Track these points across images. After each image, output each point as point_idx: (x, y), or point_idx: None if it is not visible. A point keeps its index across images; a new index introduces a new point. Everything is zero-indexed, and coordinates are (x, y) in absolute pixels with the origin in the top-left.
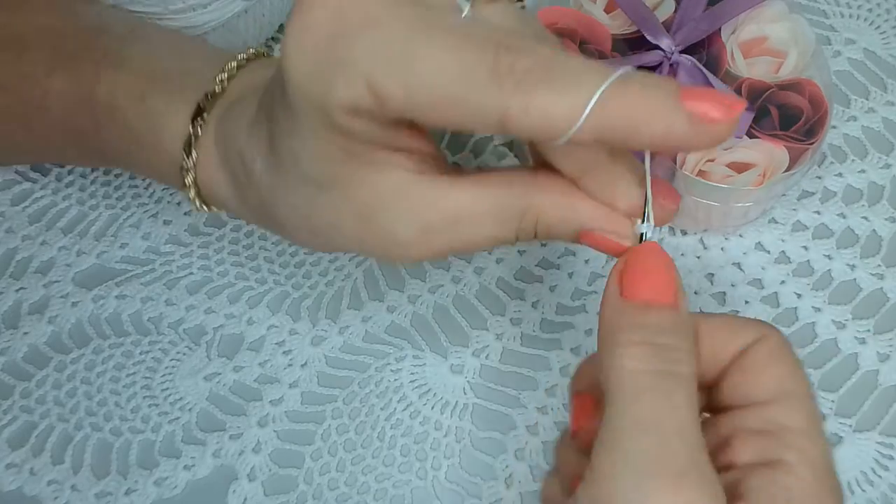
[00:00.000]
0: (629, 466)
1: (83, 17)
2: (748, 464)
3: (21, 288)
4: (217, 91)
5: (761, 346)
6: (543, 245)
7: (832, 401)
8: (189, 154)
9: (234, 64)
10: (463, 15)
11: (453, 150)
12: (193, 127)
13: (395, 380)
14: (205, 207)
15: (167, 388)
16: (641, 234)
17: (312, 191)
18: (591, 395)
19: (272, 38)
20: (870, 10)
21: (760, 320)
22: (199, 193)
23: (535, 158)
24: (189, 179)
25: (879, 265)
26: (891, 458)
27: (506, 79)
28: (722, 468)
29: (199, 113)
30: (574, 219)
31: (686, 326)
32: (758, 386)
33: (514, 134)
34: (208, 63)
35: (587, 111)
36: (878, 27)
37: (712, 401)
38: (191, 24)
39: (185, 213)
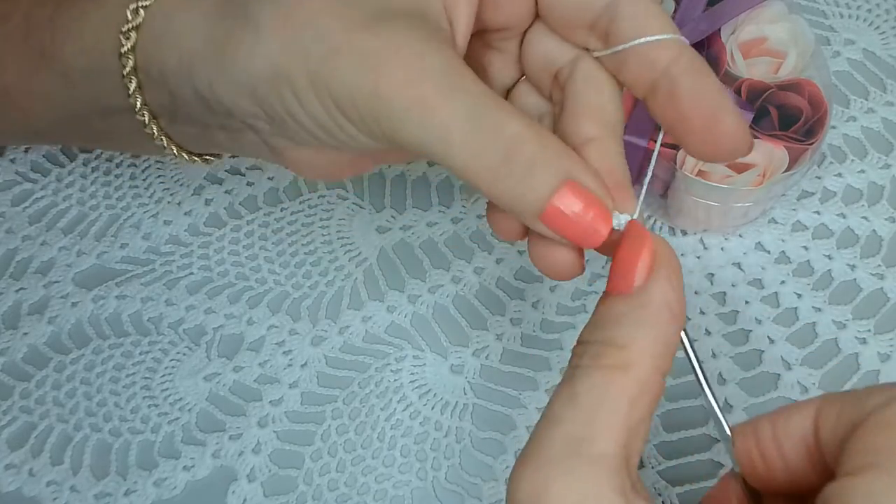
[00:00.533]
0: (522, 454)
1: None
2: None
3: (21, 288)
4: None
5: (883, 410)
6: None
7: None
8: None
9: None
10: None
11: None
12: None
13: (396, 380)
14: (133, 80)
15: (167, 389)
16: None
17: None
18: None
19: None
20: (869, 11)
21: (883, 389)
22: (138, 30)
23: None
24: (137, 19)
25: (879, 265)
26: None
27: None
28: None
29: None
30: (568, 163)
31: (637, 312)
32: (849, 454)
33: (616, 14)
34: None
35: (681, 36)
36: (878, 27)
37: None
38: None
39: (185, 214)
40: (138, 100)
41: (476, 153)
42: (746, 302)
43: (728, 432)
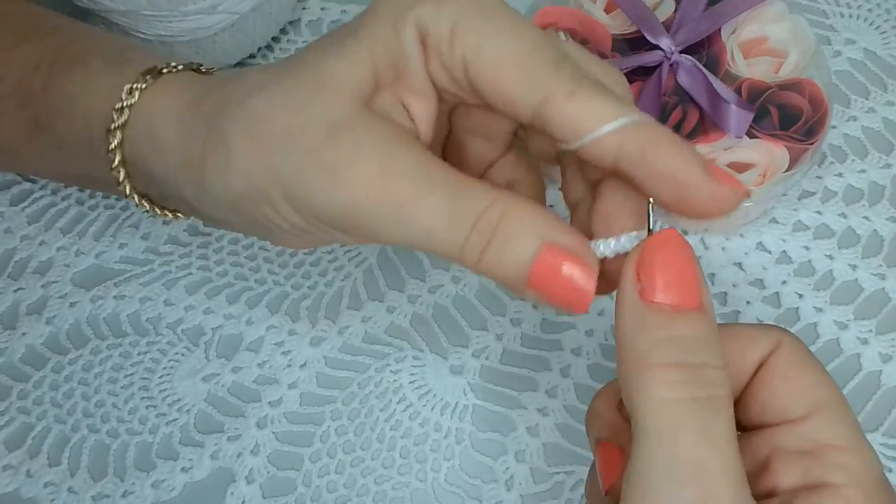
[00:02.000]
0: None
1: (64, 18)
2: (792, 489)
3: (19, 288)
4: (181, 67)
5: (781, 356)
6: None
7: None
8: (143, 80)
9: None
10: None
11: None
12: (165, 66)
13: (395, 381)
14: (117, 162)
15: (165, 389)
16: (649, 224)
17: (307, 81)
18: (615, 446)
19: (274, 39)
20: (870, 10)
21: (772, 325)
22: (123, 129)
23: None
24: (130, 101)
25: (881, 265)
26: (894, 458)
27: (564, 69)
28: (764, 495)
29: (175, 65)
30: (543, 227)
31: (715, 334)
32: (788, 400)
33: (547, 122)
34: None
35: (627, 119)
36: (878, 27)
37: (740, 418)
38: (201, 24)
39: None
40: (127, 186)
41: (458, 241)
42: (748, 302)
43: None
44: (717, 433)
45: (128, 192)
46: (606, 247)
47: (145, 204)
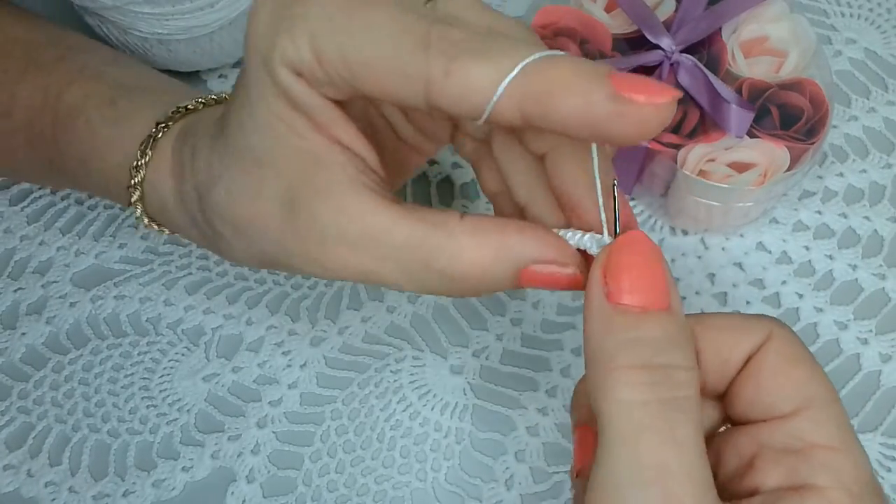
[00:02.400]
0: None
1: (64, 36)
2: (775, 488)
3: (19, 288)
4: (189, 107)
5: (771, 348)
6: None
7: None
8: (144, 153)
9: (214, 96)
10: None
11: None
12: (156, 128)
13: (395, 380)
14: (145, 220)
15: (165, 389)
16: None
17: (249, 166)
18: (591, 430)
19: None
20: (870, 10)
21: (764, 315)
22: (142, 199)
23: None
24: (137, 178)
25: (881, 265)
26: (893, 459)
27: (433, 46)
28: (747, 493)
29: (166, 120)
30: (512, 256)
31: (685, 333)
32: (776, 396)
33: (439, 107)
34: (186, 93)
35: (508, 78)
36: (879, 27)
37: (727, 411)
38: (200, 22)
39: None
40: (144, 220)
41: (432, 289)
42: (748, 302)
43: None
44: (683, 435)
45: (146, 223)
46: (571, 238)
47: (162, 230)
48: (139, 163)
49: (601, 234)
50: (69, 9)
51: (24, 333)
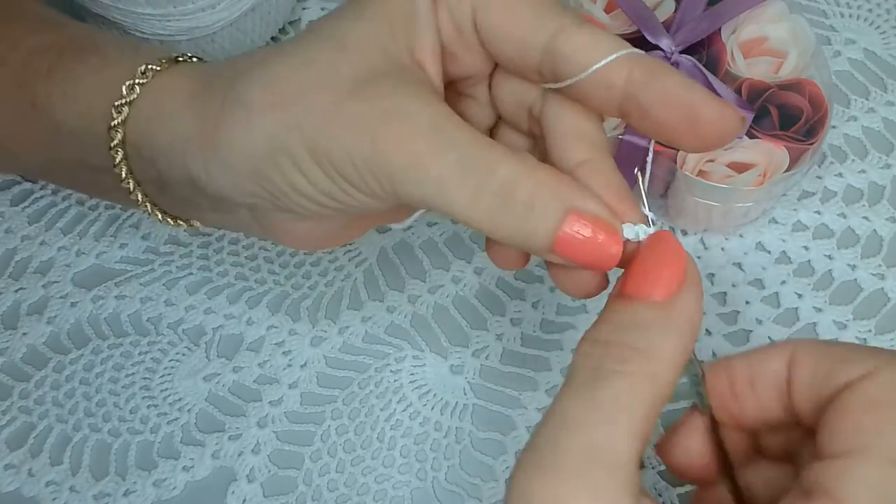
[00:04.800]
0: (529, 451)
1: (75, 21)
2: None
3: (20, 288)
4: (193, 58)
5: (863, 384)
6: None
7: None
8: (149, 66)
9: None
10: None
11: None
12: (180, 57)
13: (395, 380)
14: (123, 168)
15: (166, 389)
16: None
17: (329, 48)
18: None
19: (273, 39)
20: (870, 11)
21: (884, 350)
22: (124, 142)
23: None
24: (137, 81)
25: (880, 265)
26: None
27: (569, 8)
28: None
29: (174, 57)
30: (567, 193)
31: (659, 322)
32: (834, 433)
33: (557, 53)
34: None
35: (630, 50)
36: (878, 27)
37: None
38: (200, 23)
39: None
40: (123, 169)
41: (474, 201)
42: (747, 302)
43: (699, 369)
44: (602, 397)
45: (123, 175)
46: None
47: (137, 194)
48: (147, 69)
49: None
50: (70, 9)
51: (25, 333)
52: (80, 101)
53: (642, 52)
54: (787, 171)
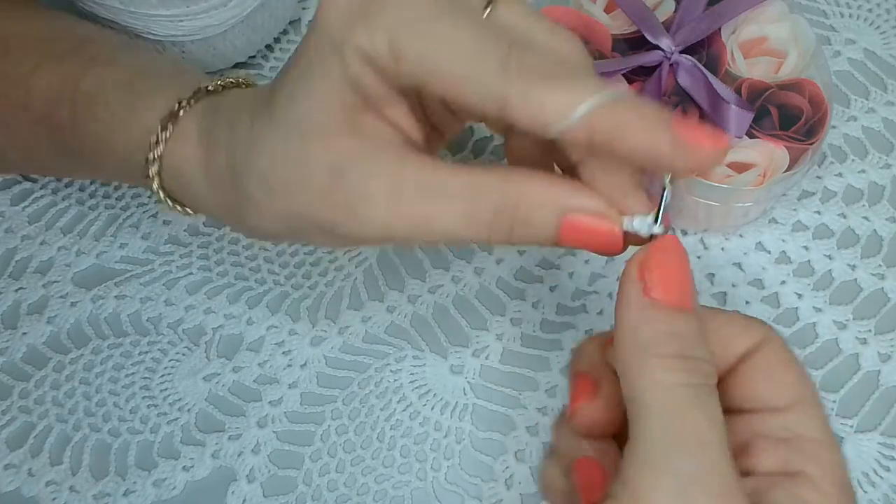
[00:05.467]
0: (674, 486)
1: (74, 27)
2: (769, 472)
3: (20, 288)
4: (210, 88)
5: (768, 349)
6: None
7: (833, 401)
8: (165, 127)
9: (232, 78)
10: (484, 15)
11: (454, 151)
12: (178, 105)
13: (395, 380)
14: (161, 193)
15: (166, 389)
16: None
17: (295, 139)
18: (591, 377)
19: (274, 39)
20: (870, 11)
21: (760, 320)
22: (160, 173)
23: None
24: (157, 152)
25: (880, 265)
26: (892, 458)
27: (513, 70)
28: (743, 473)
29: (189, 98)
30: (557, 200)
31: (703, 333)
32: (772, 391)
33: (510, 120)
34: (200, 75)
35: (585, 107)
36: (878, 27)
37: (724, 402)
38: (213, 21)
39: None
40: (177, 206)
41: (481, 234)
42: (747, 302)
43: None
44: (716, 414)
45: (177, 208)
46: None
47: (169, 201)
48: (160, 137)
49: (647, 220)
50: (81, 12)
51: (25, 333)
52: (111, 155)
53: (597, 98)
54: (786, 171)
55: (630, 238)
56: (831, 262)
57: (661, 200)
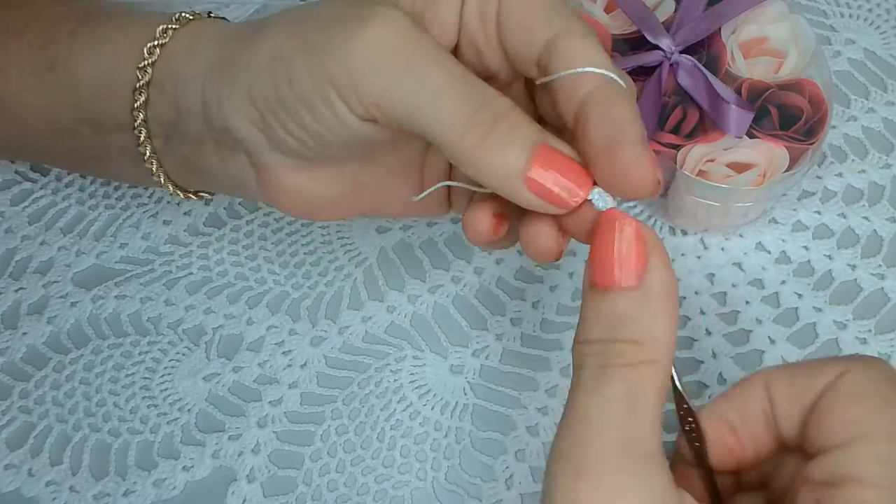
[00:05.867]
0: (562, 459)
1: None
2: None
3: (20, 288)
4: (191, 17)
5: (840, 384)
6: None
7: None
8: (184, 14)
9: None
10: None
11: None
12: (166, 28)
13: (395, 380)
14: (144, 131)
15: (166, 389)
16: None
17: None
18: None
19: None
20: (870, 11)
21: (851, 356)
22: (146, 104)
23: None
24: (166, 38)
25: (880, 265)
26: None
27: (578, 17)
28: None
29: (174, 23)
30: (540, 130)
31: (647, 308)
32: (824, 431)
33: (555, 49)
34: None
35: (606, 72)
36: (878, 27)
37: (806, 454)
38: None
39: (184, 214)
40: (140, 115)
41: (468, 128)
42: (747, 302)
43: (687, 403)
44: (608, 393)
45: (138, 121)
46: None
47: (147, 148)
48: (183, 14)
49: (605, 195)
50: None
51: (25, 333)
52: (105, 50)
53: (621, 80)
54: (786, 170)
55: (584, 212)
56: (831, 262)
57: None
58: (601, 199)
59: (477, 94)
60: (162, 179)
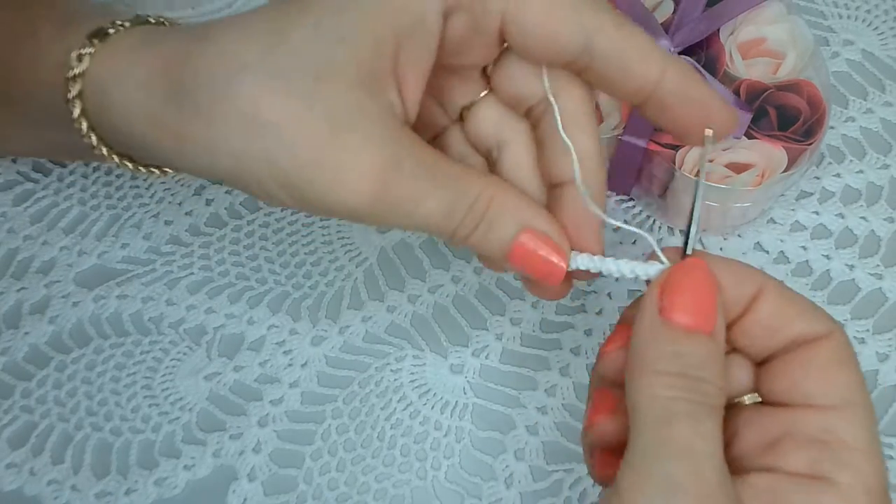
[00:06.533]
0: (657, 489)
1: None
2: (793, 472)
3: (22, 288)
4: (152, 21)
5: (828, 344)
6: None
7: None
8: (83, 52)
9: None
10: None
11: None
12: (112, 24)
13: (395, 380)
14: (76, 110)
15: (167, 388)
16: (685, 249)
17: (283, 64)
18: (612, 392)
19: None
20: (868, 12)
21: (829, 315)
22: (81, 93)
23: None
24: (80, 69)
25: (878, 265)
26: (891, 457)
27: (606, 7)
28: (764, 469)
29: (105, 29)
30: (523, 213)
31: (720, 357)
32: (820, 387)
33: (596, 52)
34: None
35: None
36: (876, 28)
37: (762, 387)
38: None
39: (186, 214)
40: (104, 149)
41: (452, 227)
42: None
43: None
44: (706, 428)
45: (105, 153)
46: (621, 268)
47: (128, 165)
48: (81, 53)
49: (593, 259)
50: None
51: (27, 333)
52: (37, 91)
53: (672, 53)
54: (785, 171)
55: (577, 273)
56: (829, 262)
57: (691, 217)
58: (584, 262)
59: (460, 204)
60: (132, 167)
